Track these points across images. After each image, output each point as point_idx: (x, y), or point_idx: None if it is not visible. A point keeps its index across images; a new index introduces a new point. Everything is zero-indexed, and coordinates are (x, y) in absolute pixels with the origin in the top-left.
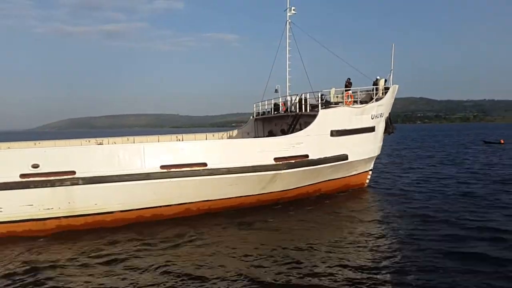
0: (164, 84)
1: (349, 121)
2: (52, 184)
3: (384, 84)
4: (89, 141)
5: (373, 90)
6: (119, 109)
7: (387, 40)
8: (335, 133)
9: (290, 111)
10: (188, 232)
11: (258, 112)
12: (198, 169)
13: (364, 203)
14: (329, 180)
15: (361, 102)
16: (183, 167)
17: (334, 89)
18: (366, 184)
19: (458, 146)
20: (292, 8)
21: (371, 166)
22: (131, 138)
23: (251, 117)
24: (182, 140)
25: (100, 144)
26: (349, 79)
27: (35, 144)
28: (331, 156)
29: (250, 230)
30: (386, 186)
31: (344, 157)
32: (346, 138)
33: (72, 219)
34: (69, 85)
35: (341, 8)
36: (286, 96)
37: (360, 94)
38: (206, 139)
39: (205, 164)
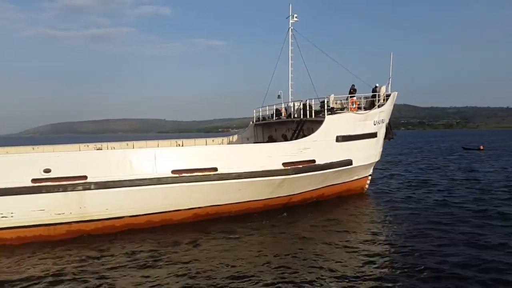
0: (149, 89)
1: (354, 127)
2: (64, 188)
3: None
4: (87, 146)
5: (376, 97)
6: (103, 114)
7: (375, 45)
8: (340, 139)
9: (293, 117)
10: (200, 237)
11: (258, 118)
12: (209, 174)
13: (366, 208)
14: (332, 185)
15: (364, 109)
16: (194, 172)
17: (333, 95)
18: (365, 189)
19: (441, 152)
20: (295, 15)
21: (371, 171)
22: (130, 143)
23: (251, 122)
24: (182, 145)
25: (99, 149)
26: (354, 85)
27: (43, 149)
28: (337, 161)
29: (251, 236)
30: (383, 190)
31: (349, 162)
32: (351, 144)
33: (82, 224)
34: (54, 90)
35: (338, 15)
36: (288, 102)
37: (361, 101)
38: (206, 144)
39: (215, 169)
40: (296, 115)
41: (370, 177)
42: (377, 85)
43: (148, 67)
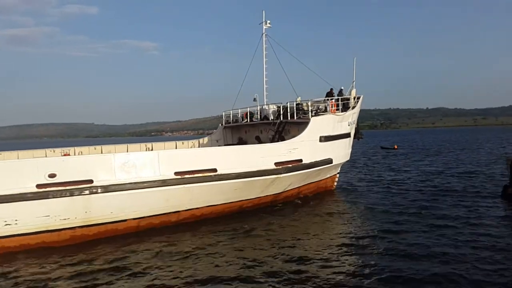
0: (76, 92)
1: (333, 128)
2: (71, 193)
3: (347, 94)
4: (54, 151)
5: (353, 100)
6: (25, 118)
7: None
8: (323, 139)
9: (272, 119)
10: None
11: (227, 120)
12: (210, 175)
13: (341, 204)
14: (311, 183)
15: (341, 110)
16: (195, 173)
17: (299, 98)
18: (334, 187)
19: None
20: (268, 21)
21: (339, 170)
22: (98, 147)
23: (220, 124)
24: (152, 149)
25: (67, 155)
26: (332, 89)
27: (45, 152)
28: (320, 160)
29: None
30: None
31: (330, 161)
32: (331, 143)
33: (86, 229)
34: None
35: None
36: (264, 104)
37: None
38: (176, 147)
39: (215, 170)
40: (272, 117)
41: (338, 175)
42: (342, 87)
43: (73, 69)
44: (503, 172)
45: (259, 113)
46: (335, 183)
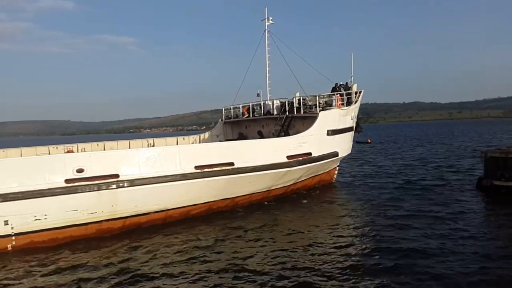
0: (51, 88)
1: (338, 122)
2: (98, 188)
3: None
4: (57, 148)
5: (355, 94)
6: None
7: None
8: (330, 133)
9: (278, 114)
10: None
11: (227, 116)
12: (227, 168)
13: (344, 195)
14: (315, 175)
15: (346, 105)
16: (214, 167)
17: (298, 93)
18: (334, 179)
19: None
20: (270, 18)
21: (338, 163)
22: (100, 143)
23: (220, 120)
24: (153, 145)
25: (71, 151)
26: (337, 84)
27: (48, 149)
28: (327, 153)
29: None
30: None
31: (336, 154)
32: (337, 137)
33: (112, 222)
34: None
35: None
36: (267, 100)
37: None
38: (177, 143)
39: (232, 164)
40: (276, 112)
41: (338, 168)
42: (341, 83)
43: (48, 66)
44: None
45: (262, 108)
46: (335, 176)
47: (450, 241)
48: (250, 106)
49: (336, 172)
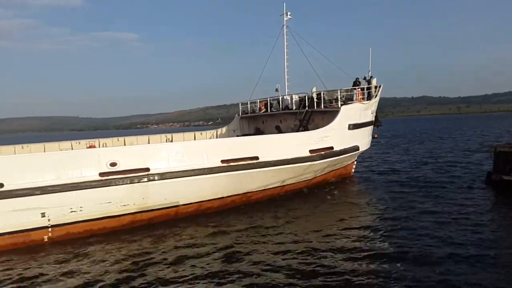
0: (59, 85)
1: (359, 116)
2: (131, 181)
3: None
4: (79, 143)
5: (375, 88)
6: (7, 112)
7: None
8: (351, 127)
9: (295, 109)
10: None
11: (244, 111)
12: (252, 162)
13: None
14: (335, 169)
15: (367, 99)
16: (239, 161)
17: (315, 88)
18: (352, 174)
19: None
20: (288, 13)
21: (356, 157)
22: (121, 138)
23: (237, 115)
24: (172, 140)
25: (93, 146)
26: (358, 78)
27: (71, 144)
28: (348, 147)
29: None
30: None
31: (357, 148)
32: (358, 131)
33: (143, 214)
34: None
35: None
36: (285, 94)
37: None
38: (195, 138)
39: (257, 158)
40: (295, 107)
41: (355, 162)
42: (358, 77)
43: (55, 62)
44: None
45: (281, 103)
46: (353, 170)
47: (460, 238)
48: (268, 101)
49: (354, 166)
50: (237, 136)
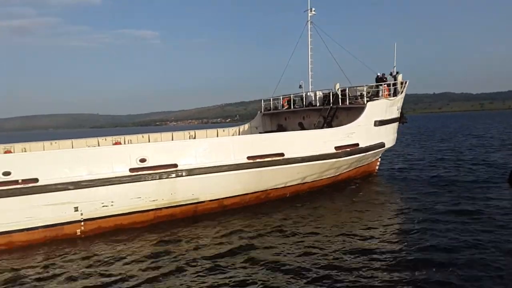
0: (80, 82)
1: (385, 112)
2: (160, 176)
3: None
4: (105, 140)
5: (401, 84)
6: (32, 109)
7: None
8: (377, 123)
9: (319, 105)
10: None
11: (266, 108)
12: (278, 159)
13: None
14: (358, 167)
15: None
16: (265, 158)
17: (338, 84)
18: (376, 171)
19: None
20: (313, 9)
21: (380, 154)
22: (145, 135)
23: (259, 112)
24: (195, 137)
25: (118, 143)
26: (384, 74)
27: (97, 141)
28: (374, 144)
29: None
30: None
31: (382, 145)
32: (383, 128)
33: (171, 209)
34: None
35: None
36: (308, 91)
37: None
38: (217, 135)
39: (282, 154)
40: (319, 103)
41: (380, 159)
42: (379, 74)
43: (76, 60)
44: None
45: (304, 99)
46: (377, 167)
47: (486, 240)
48: (291, 97)
49: (378, 163)
50: (259, 133)
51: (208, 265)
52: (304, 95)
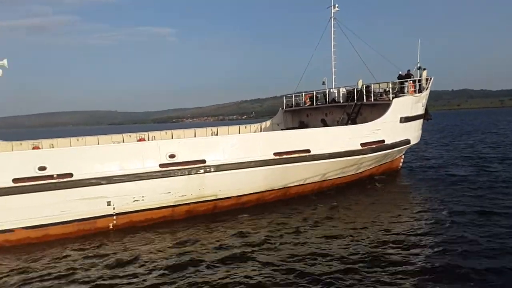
0: (98, 80)
1: (411, 109)
2: (188, 172)
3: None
4: (130, 136)
5: (426, 81)
6: (51, 107)
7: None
8: (403, 120)
9: (342, 102)
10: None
11: (288, 104)
12: (304, 155)
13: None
14: (382, 163)
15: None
16: (291, 154)
17: (361, 80)
18: (399, 167)
19: None
20: (336, 5)
21: (404, 151)
22: (169, 132)
23: (281, 108)
24: (217, 133)
25: (142, 140)
26: (409, 70)
27: (122, 137)
28: (399, 141)
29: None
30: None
31: (408, 142)
32: (409, 124)
33: (198, 205)
34: None
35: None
36: (332, 88)
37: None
38: (239, 132)
39: (309, 151)
40: (342, 100)
41: (403, 156)
42: (400, 72)
43: (94, 58)
44: None
45: (327, 96)
46: (401, 164)
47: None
48: (314, 94)
49: (402, 160)
50: (281, 129)
51: (229, 262)
52: (327, 92)
